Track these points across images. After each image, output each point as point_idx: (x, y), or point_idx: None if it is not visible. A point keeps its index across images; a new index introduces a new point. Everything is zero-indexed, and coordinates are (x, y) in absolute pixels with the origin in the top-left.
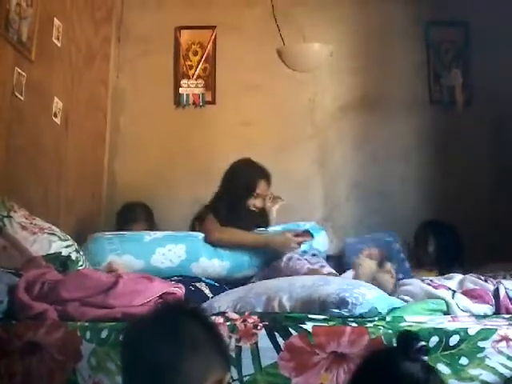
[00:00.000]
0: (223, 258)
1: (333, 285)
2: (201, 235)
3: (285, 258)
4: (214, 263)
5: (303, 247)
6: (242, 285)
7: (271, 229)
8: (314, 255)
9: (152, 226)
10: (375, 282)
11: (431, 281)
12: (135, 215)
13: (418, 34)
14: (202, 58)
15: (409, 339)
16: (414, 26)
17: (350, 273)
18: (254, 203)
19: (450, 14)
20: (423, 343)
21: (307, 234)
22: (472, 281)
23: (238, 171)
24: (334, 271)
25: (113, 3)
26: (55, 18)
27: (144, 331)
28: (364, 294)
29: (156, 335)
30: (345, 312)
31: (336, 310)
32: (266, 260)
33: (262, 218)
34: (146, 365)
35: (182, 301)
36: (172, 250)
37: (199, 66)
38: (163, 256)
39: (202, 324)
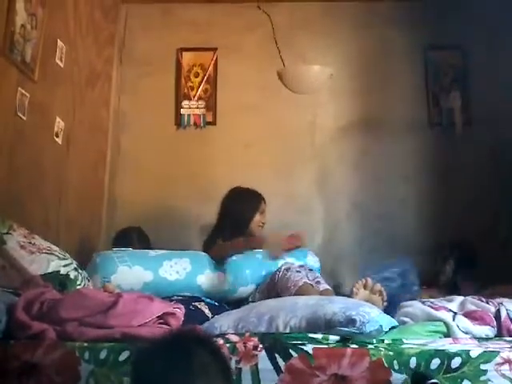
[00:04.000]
0: (226, 271)
1: (336, 303)
2: (203, 253)
3: (283, 269)
4: (218, 276)
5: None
6: (241, 301)
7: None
8: (310, 270)
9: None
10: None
11: (432, 302)
12: (130, 240)
13: (417, 57)
14: (203, 79)
15: (422, 378)
16: (413, 49)
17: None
18: (260, 219)
19: (449, 38)
20: (435, 381)
21: (296, 238)
22: (473, 302)
23: (240, 191)
24: (330, 288)
25: (115, 25)
26: (59, 40)
27: (155, 356)
28: (369, 313)
29: (166, 361)
30: (354, 330)
31: (344, 329)
32: (266, 274)
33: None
34: None
35: (194, 328)
36: (178, 263)
37: (200, 88)
38: (171, 268)
39: (213, 353)
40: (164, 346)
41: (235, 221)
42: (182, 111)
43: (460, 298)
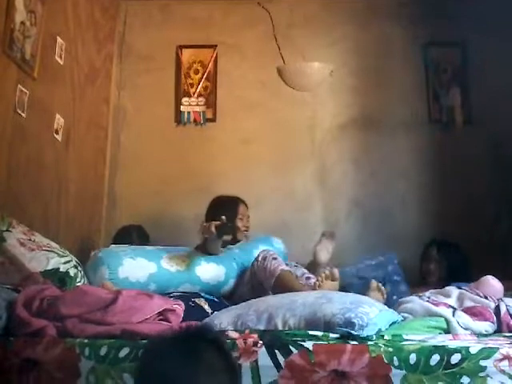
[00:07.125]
0: (218, 263)
1: (335, 303)
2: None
3: (260, 258)
4: (213, 267)
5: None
6: (231, 295)
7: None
8: (296, 265)
9: None
10: None
11: (428, 298)
12: (130, 238)
13: (417, 54)
14: (203, 76)
15: None
16: (413, 46)
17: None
18: (242, 224)
19: (448, 35)
20: None
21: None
22: (471, 298)
23: (217, 202)
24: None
25: (115, 22)
26: (58, 37)
27: (163, 352)
28: (367, 313)
29: (174, 357)
30: (352, 332)
31: (343, 329)
32: (246, 266)
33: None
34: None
35: (204, 326)
36: (176, 255)
37: (200, 85)
38: (170, 260)
39: (220, 352)
40: (172, 343)
41: None
42: (182, 108)
43: (456, 292)
